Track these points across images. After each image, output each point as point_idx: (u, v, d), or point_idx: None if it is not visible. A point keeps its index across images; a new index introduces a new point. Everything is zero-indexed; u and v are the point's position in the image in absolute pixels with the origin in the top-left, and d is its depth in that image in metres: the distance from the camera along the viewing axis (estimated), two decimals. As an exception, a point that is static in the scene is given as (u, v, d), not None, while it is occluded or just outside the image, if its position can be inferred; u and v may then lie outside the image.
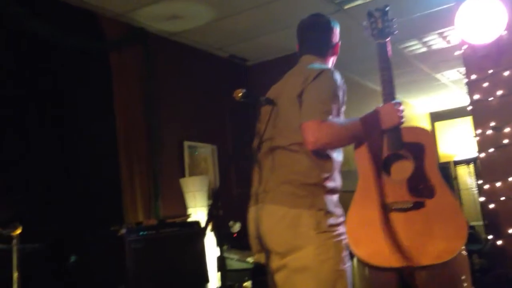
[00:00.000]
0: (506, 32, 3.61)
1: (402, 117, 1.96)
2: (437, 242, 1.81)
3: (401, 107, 1.98)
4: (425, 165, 1.92)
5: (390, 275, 2.01)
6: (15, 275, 1.98)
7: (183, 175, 4.73)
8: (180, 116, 4.86)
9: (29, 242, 2.14)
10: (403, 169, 1.93)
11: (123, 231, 3.51)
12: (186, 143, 4.87)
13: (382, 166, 1.93)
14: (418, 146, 1.95)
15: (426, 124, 9.90)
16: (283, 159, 1.97)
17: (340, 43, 2.23)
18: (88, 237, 3.59)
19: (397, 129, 1.94)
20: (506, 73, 3.60)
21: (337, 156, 2.01)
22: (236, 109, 3.56)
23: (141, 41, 4.50)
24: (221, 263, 1.95)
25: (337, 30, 2.22)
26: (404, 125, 2.00)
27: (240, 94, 2.31)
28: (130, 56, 4.38)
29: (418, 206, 1.85)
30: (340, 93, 1.98)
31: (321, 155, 1.93)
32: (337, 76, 2.01)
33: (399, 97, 2.14)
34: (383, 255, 1.86)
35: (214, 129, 5.18)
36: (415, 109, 9.28)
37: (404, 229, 1.84)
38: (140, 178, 4.24)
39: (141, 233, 3.50)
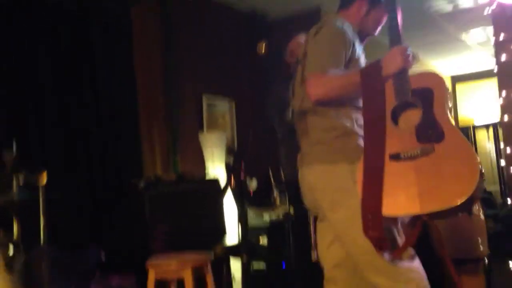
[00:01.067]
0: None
1: (407, 61, 1.88)
2: (448, 185, 1.74)
3: (408, 51, 1.89)
4: (434, 110, 1.84)
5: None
6: (42, 222, 2.02)
7: (202, 130, 4.74)
8: (199, 71, 4.81)
9: (54, 191, 2.18)
10: (411, 117, 1.87)
11: (142, 185, 3.56)
12: (205, 98, 4.85)
13: (390, 116, 1.87)
14: (427, 91, 1.86)
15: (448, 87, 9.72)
16: (312, 122, 2.02)
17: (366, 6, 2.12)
18: (108, 189, 3.65)
19: (403, 76, 1.87)
20: (537, 34, 3.49)
21: None
22: (257, 65, 3.51)
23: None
24: (243, 218, 1.99)
25: None
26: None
27: (263, 48, 2.29)
28: (150, 10, 4.31)
29: (427, 151, 1.78)
30: (344, 44, 1.97)
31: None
32: (340, 28, 1.99)
33: (421, 58, 2.08)
34: (398, 205, 1.82)
35: (233, 84, 5.14)
36: (437, 71, 9.10)
37: (415, 177, 1.79)
38: (159, 132, 4.26)
39: (160, 187, 3.55)
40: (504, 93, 3.66)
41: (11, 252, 1.98)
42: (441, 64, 8.84)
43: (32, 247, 2.23)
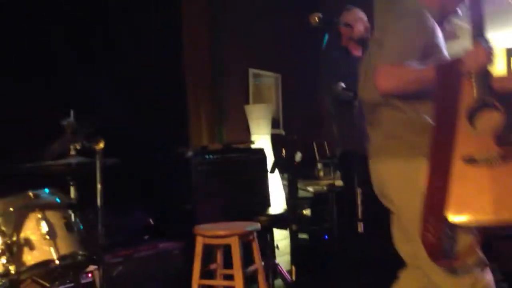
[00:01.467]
0: None
1: (489, 58, 1.78)
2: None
3: (489, 46, 1.80)
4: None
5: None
6: (99, 187, 2.11)
7: (248, 102, 4.76)
8: (246, 44, 4.81)
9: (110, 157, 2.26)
10: (490, 119, 1.76)
11: (190, 153, 3.63)
12: (251, 71, 4.86)
13: (466, 117, 1.77)
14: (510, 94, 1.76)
15: (500, 61, 9.35)
16: (388, 115, 1.95)
17: None
18: (157, 157, 3.74)
19: (485, 73, 1.77)
20: None
21: None
22: (304, 38, 3.47)
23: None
24: (292, 188, 2.01)
25: None
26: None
27: (317, 19, 2.25)
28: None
29: (506, 156, 1.70)
30: (424, 32, 1.88)
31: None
32: (419, 12, 1.90)
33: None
34: (468, 212, 1.72)
35: (280, 58, 5.11)
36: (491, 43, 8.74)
37: (490, 183, 1.69)
38: (206, 103, 4.31)
39: (206, 156, 3.61)
40: None
41: (70, 213, 2.08)
42: (496, 36, 8.48)
43: (88, 210, 2.33)
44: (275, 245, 3.76)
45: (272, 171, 1.96)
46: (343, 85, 2.71)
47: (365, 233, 2.78)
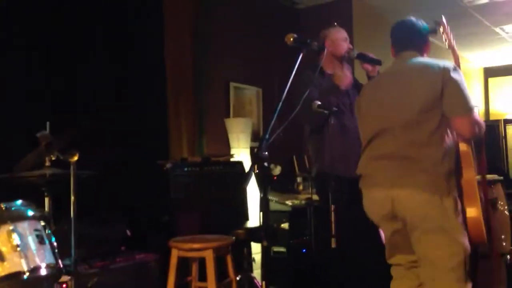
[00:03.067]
0: None
1: None
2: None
3: None
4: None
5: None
6: (72, 198, 2.12)
7: (228, 116, 4.80)
8: (228, 57, 4.86)
9: (83, 169, 2.27)
10: None
11: (169, 165, 3.64)
12: (232, 84, 4.90)
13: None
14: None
15: (479, 80, 9.55)
16: (424, 152, 2.22)
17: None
18: (136, 169, 3.74)
19: None
20: None
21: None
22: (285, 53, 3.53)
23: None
24: (264, 203, 2.03)
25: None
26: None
27: (291, 39, 2.31)
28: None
29: None
30: None
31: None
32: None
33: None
34: None
35: (261, 72, 5.17)
36: (469, 63, 8.92)
37: None
38: (187, 115, 4.33)
39: (186, 168, 3.63)
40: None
41: (42, 225, 2.08)
42: (474, 56, 8.67)
43: (61, 222, 2.33)
44: (252, 258, 3.77)
45: (244, 184, 1.98)
46: (318, 102, 2.76)
47: (337, 249, 2.83)
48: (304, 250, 4.37)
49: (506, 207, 3.56)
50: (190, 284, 2.97)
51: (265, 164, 1.90)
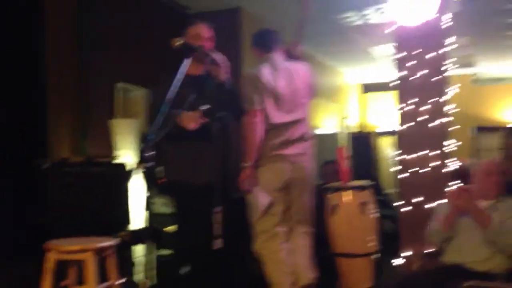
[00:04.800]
0: (437, 15, 3.83)
1: None
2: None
3: None
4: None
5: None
6: None
7: (115, 116, 4.68)
8: (114, 58, 4.74)
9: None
10: None
11: (46, 165, 3.47)
12: (119, 85, 4.79)
13: None
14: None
15: (356, 95, 10.31)
16: None
17: None
18: (8, 168, 3.51)
19: None
20: (431, 55, 3.84)
21: None
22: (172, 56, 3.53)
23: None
24: (148, 205, 2.04)
25: None
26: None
27: (177, 43, 2.37)
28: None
29: None
30: None
31: None
32: None
33: (332, 64, 2.35)
34: None
35: (148, 73, 5.11)
36: (347, 78, 9.61)
37: None
38: (69, 116, 4.16)
39: (66, 168, 3.48)
40: (402, 105, 3.99)
41: None
42: (352, 72, 9.35)
43: None
44: (133, 261, 3.72)
45: (126, 182, 1.98)
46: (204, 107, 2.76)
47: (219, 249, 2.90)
48: (189, 253, 4.39)
49: (373, 211, 3.90)
50: (67, 289, 2.84)
51: (150, 163, 1.91)
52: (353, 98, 10.02)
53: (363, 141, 8.94)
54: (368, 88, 10.39)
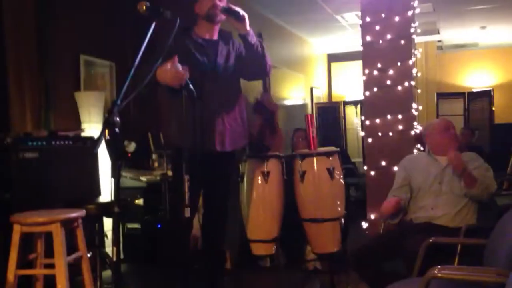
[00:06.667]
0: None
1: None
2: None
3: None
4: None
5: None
6: None
7: (79, 90, 4.58)
8: (77, 29, 4.62)
9: None
10: None
11: (9, 140, 3.39)
12: (83, 57, 4.67)
13: None
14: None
15: (323, 64, 10.34)
16: None
17: None
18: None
19: None
20: (396, 19, 3.89)
21: None
22: (137, 24, 3.46)
23: None
24: (117, 172, 2.02)
25: None
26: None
27: (144, 7, 2.31)
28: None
29: None
30: None
31: None
32: None
33: (300, 35, 2.31)
34: None
35: (113, 45, 5.01)
36: (314, 48, 9.61)
37: None
38: (31, 89, 4.04)
39: (30, 143, 3.41)
40: (367, 71, 4.03)
41: None
42: (318, 41, 9.35)
43: None
44: (104, 233, 3.70)
45: (94, 150, 1.94)
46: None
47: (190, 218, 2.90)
48: (159, 226, 4.40)
49: (341, 176, 3.96)
50: (35, 262, 2.81)
51: (117, 130, 1.88)
52: (320, 68, 10.05)
53: (330, 111, 9.03)
54: (335, 57, 10.42)
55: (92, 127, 4.31)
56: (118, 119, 1.91)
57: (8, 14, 3.91)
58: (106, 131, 1.91)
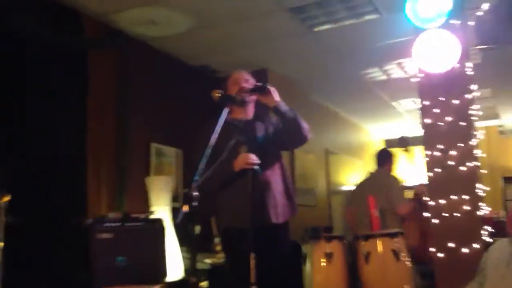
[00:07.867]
0: (458, 64, 3.98)
1: None
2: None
3: None
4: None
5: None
6: (1, 244, 2.08)
7: (149, 175, 4.87)
8: (149, 119, 5.01)
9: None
10: None
11: (89, 221, 3.61)
12: (153, 145, 5.02)
13: None
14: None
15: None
16: None
17: None
18: (51, 225, 3.66)
19: None
20: (456, 102, 3.95)
21: None
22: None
23: (119, 43, 4.66)
24: (191, 259, 2.10)
25: None
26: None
27: (217, 94, 2.54)
28: (107, 56, 4.52)
29: None
30: None
31: None
32: None
33: (356, 121, 2.42)
34: None
35: (181, 134, 5.34)
36: (371, 134, 9.73)
37: None
38: (107, 173, 4.36)
39: (107, 224, 3.61)
40: (428, 152, 4.04)
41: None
42: (375, 128, 9.48)
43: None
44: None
45: (176, 221, 2.07)
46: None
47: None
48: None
49: (407, 259, 3.86)
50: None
51: (195, 203, 2.02)
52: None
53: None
54: (390, 144, 10.44)
55: (160, 210, 4.51)
56: (197, 193, 2.06)
57: (91, 104, 4.32)
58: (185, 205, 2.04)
